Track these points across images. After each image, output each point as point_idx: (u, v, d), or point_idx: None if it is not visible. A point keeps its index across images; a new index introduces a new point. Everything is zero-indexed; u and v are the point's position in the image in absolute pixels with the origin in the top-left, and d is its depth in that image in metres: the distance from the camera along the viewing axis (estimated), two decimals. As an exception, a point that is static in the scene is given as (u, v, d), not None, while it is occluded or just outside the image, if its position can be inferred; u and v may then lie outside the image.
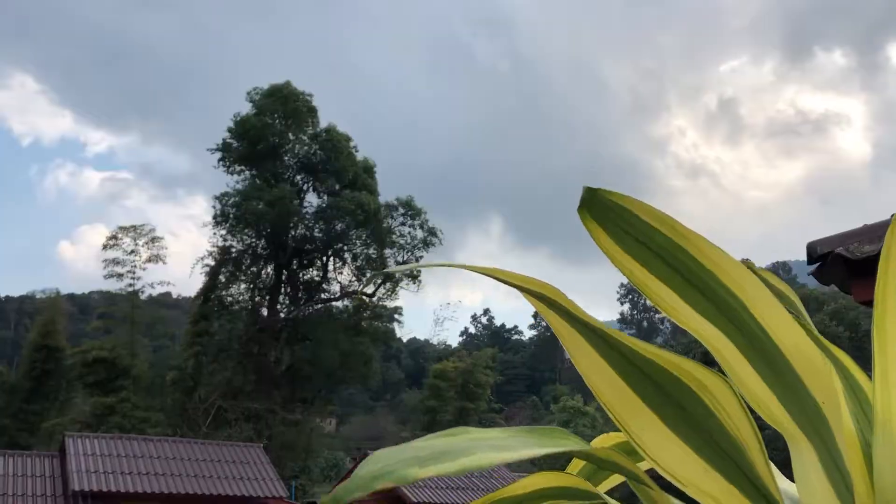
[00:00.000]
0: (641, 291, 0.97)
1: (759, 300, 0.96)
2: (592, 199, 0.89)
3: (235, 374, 41.55)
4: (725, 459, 0.87)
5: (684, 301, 0.97)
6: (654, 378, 0.90)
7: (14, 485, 24.68)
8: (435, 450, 0.75)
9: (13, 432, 47.29)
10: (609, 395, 0.91)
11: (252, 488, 26.96)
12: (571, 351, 0.93)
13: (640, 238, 0.92)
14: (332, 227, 44.84)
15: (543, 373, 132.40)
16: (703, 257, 0.93)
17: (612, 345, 0.90)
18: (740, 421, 0.87)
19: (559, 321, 0.92)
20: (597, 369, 0.92)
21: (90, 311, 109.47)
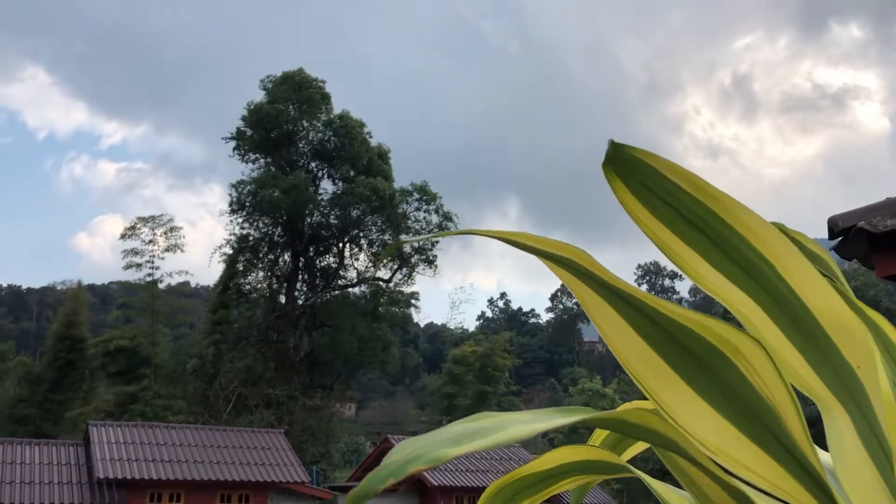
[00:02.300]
0: (666, 255, 0.93)
1: (791, 263, 0.92)
2: (618, 155, 0.85)
3: (255, 361, 41.82)
4: (759, 427, 0.84)
5: (710, 265, 0.93)
6: (685, 343, 0.86)
7: (40, 473, 25.03)
8: (466, 431, 0.73)
9: (38, 422, 47.93)
10: (636, 363, 0.88)
11: (273, 474, 27.18)
12: (596, 319, 0.89)
13: (666, 198, 0.88)
14: (348, 214, 44.89)
15: (561, 355, 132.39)
16: (732, 219, 0.89)
17: (641, 310, 0.86)
18: (775, 386, 0.83)
19: (583, 288, 0.88)
20: (623, 337, 0.88)
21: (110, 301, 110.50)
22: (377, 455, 33.60)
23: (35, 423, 47.69)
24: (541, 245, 0.87)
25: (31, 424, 47.09)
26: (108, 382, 47.74)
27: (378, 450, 33.76)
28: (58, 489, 24.67)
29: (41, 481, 24.69)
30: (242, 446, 28.20)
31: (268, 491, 27.09)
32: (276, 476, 27.13)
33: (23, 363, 53.46)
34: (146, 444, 26.80)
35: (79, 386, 51.11)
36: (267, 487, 27.05)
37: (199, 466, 26.38)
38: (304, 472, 28.14)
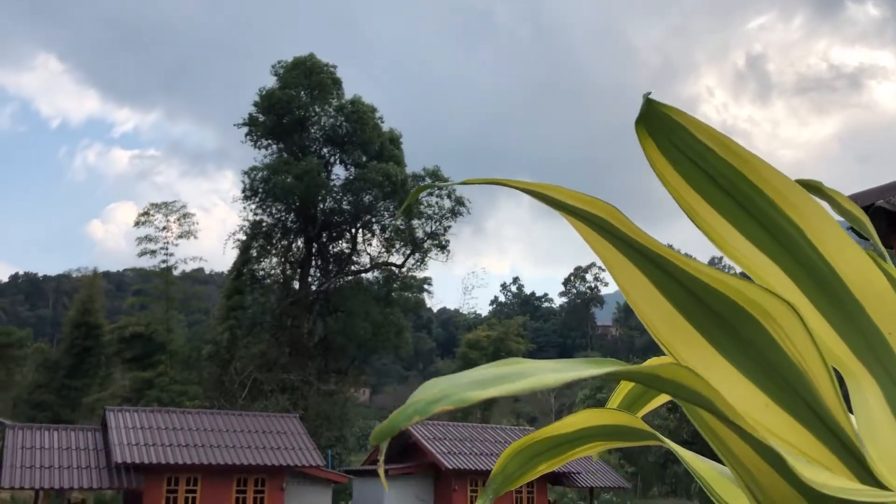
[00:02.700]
0: (690, 218, 0.91)
1: (821, 228, 0.89)
2: (651, 112, 0.82)
3: (270, 346, 42.03)
4: (789, 393, 0.82)
5: (736, 228, 0.90)
6: (713, 306, 0.83)
7: (59, 457, 25.31)
8: (493, 374, 0.71)
9: (56, 407, 48.44)
10: (662, 327, 0.86)
11: (289, 458, 27.36)
12: (620, 280, 0.87)
13: (695, 158, 0.86)
14: (360, 199, 44.89)
15: (575, 340, 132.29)
16: (760, 181, 0.87)
17: (669, 271, 0.83)
18: (808, 352, 0.80)
19: (609, 248, 0.85)
20: (649, 300, 0.86)
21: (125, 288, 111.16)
22: (391, 438, 33.72)
23: (53, 408, 48.21)
24: (569, 199, 0.83)
25: (49, 410, 47.61)
26: (124, 368, 48.19)
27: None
28: (76, 473, 24.94)
29: (60, 466, 24.96)
30: (258, 431, 28.38)
31: (284, 475, 27.28)
32: (292, 460, 27.30)
33: (40, 350, 54.02)
34: (163, 428, 27.02)
35: (95, 372, 51.60)
36: (283, 471, 27.24)
37: (216, 451, 26.59)
38: (319, 457, 28.30)
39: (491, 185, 0.84)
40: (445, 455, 30.47)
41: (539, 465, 0.99)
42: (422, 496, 30.99)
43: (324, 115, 45.32)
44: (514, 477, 0.98)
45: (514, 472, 0.98)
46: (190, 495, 25.90)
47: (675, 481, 52.37)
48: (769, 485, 0.76)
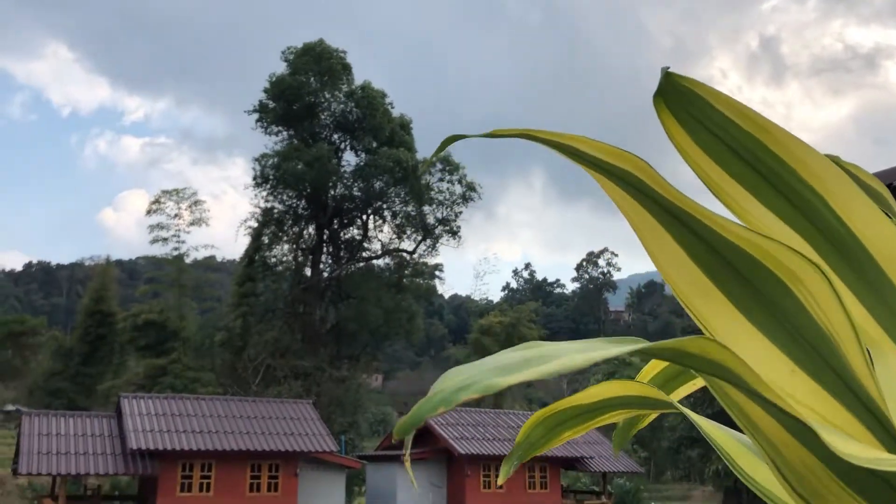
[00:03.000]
0: (711, 191, 0.89)
1: (846, 198, 0.87)
2: (669, 85, 0.80)
3: (282, 333, 42.21)
4: (816, 359, 0.80)
5: (758, 200, 0.89)
6: (741, 269, 0.82)
7: (75, 444, 25.54)
8: (517, 359, 0.70)
9: (71, 394, 48.89)
10: (688, 290, 0.84)
11: (303, 444, 27.51)
12: (646, 241, 0.85)
13: (714, 130, 0.84)
14: (371, 186, 44.87)
15: (587, 325, 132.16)
16: (782, 151, 0.85)
17: (698, 232, 0.81)
18: (836, 317, 0.78)
19: (636, 207, 0.83)
20: (675, 262, 0.84)
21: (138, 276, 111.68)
22: (404, 424, 33.86)
23: (68, 395, 48.65)
24: (596, 151, 0.81)
25: (64, 397, 48.06)
26: (137, 356, 48.51)
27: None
28: (92, 459, 25.17)
29: (76, 452, 25.19)
30: (271, 417, 28.54)
31: (297, 460, 27.44)
32: (306, 446, 27.46)
33: (55, 338, 54.43)
34: (177, 415, 27.20)
35: (110, 359, 52.02)
36: (296, 457, 27.40)
37: (230, 437, 26.76)
38: (332, 442, 28.45)
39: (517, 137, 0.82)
40: (458, 440, 30.58)
41: (563, 433, 0.99)
42: (435, 481, 31.13)
43: (334, 101, 45.26)
44: (539, 444, 0.98)
45: (538, 440, 0.98)
46: (204, 481, 26.11)
47: (689, 466, 52.37)
48: (795, 459, 0.75)
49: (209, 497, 25.97)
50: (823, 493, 0.76)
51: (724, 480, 38.51)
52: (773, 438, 0.74)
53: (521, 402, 67.72)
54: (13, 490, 36.92)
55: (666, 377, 1.13)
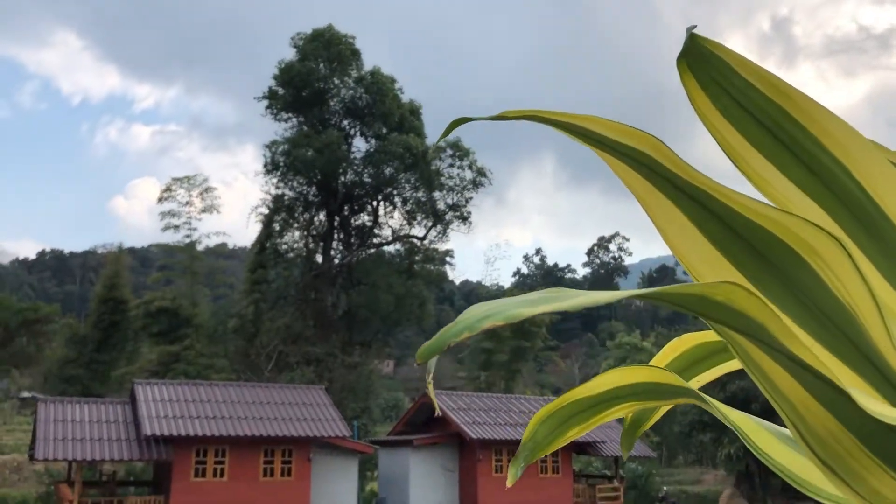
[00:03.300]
0: (731, 160, 0.86)
1: (869, 167, 0.84)
2: (693, 47, 0.78)
3: (294, 319, 42.37)
4: (834, 332, 0.78)
5: (779, 169, 0.86)
6: (756, 245, 0.79)
7: (90, 430, 25.77)
8: (541, 295, 0.70)
9: (86, 381, 49.29)
10: (702, 268, 0.82)
11: (316, 429, 27.66)
12: (658, 221, 0.83)
13: (736, 95, 0.81)
14: (381, 172, 44.83)
15: (598, 310, 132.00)
16: (805, 119, 0.82)
17: (709, 207, 0.79)
18: (856, 289, 0.76)
19: (645, 186, 0.81)
20: (688, 240, 0.82)
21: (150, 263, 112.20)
22: (416, 409, 34.02)
23: (83, 382, 49.05)
24: (607, 130, 0.79)
25: (79, 384, 48.46)
26: (151, 343, 48.83)
27: (417, 404, 34.15)
28: (107, 445, 25.40)
29: (91, 438, 25.42)
30: (284, 402, 28.70)
31: (310, 445, 27.61)
32: (319, 431, 27.61)
33: (69, 325, 54.81)
34: (191, 401, 27.39)
35: (123, 346, 52.37)
36: (309, 442, 27.57)
37: (243, 422, 26.94)
38: (345, 427, 28.60)
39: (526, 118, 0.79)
40: (470, 425, 30.68)
41: (569, 430, 0.95)
42: (447, 466, 31.27)
43: (343, 87, 45.17)
44: (545, 444, 0.95)
45: (543, 438, 0.95)
46: (218, 466, 26.31)
47: (701, 450, 52.35)
48: (817, 422, 0.75)
49: (223, 482, 26.19)
50: (845, 458, 0.74)
51: (737, 464, 38.51)
52: (796, 402, 0.73)
53: (533, 387, 67.82)
54: (30, 475, 37.33)
55: (686, 362, 1.08)
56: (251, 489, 26.41)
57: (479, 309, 0.68)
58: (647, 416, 1.12)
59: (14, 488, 35.07)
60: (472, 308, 0.69)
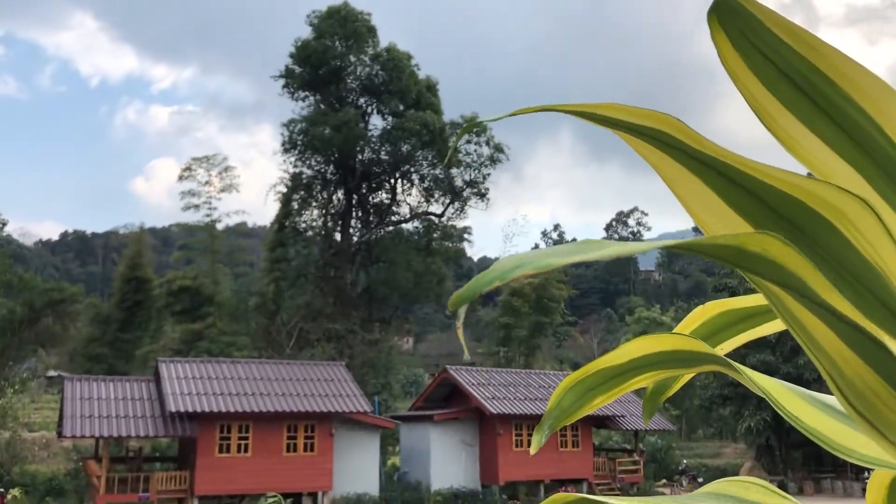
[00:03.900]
0: (760, 119, 0.86)
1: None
2: (724, 1, 0.77)
3: (314, 297, 42.64)
4: (864, 295, 0.78)
5: (810, 130, 0.84)
6: (781, 211, 0.79)
7: (116, 407, 26.18)
8: (569, 247, 0.69)
9: (110, 360, 49.95)
10: None
11: (337, 404, 27.93)
12: (682, 195, 0.82)
13: (767, 52, 0.80)
14: (398, 149, 44.76)
15: (617, 285, 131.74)
16: (839, 76, 0.81)
17: (733, 178, 0.79)
18: (885, 250, 0.76)
19: (668, 162, 0.80)
20: (714, 212, 0.81)
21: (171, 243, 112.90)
22: (436, 385, 34.23)
23: (108, 360, 49.71)
24: (626, 115, 0.79)
25: (104, 362, 49.12)
26: (173, 321, 49.37)
27: (437, 380, 34.36)
28: (133, 422, 25.79)
29: (117, 415, 25.83)
30: (306, 379, 28.97)
31: (332, 421, 27.89)
32: (340, 406, 27.87)
33: (93, 305, 55.49)
34: (214, 378, 27.72)
35: (146, 325, 52.97)
36: (331, 417, 27.85)
37: (266, 399, 27.24)
38: (366, 403, 28.85)
39: (541, 112, 0.80)
40: (489, 400, 30.84)
41: (594, 399, 0.95)
42: (467, 440, 31.49)
43: (359, 64, 45.02)
44: (570, 411, 0.95)
45: (569, 406, 0.95)
46: (242, 442, 26.66)
47: (721, 424, 52.32)
48: (853, 373, 0.74)
49: (247, 457, 26.55)
50: (881, 409, 0.75)
51: (757, 438, 38.48)
52: (833, 353, 0.74)
53: (552, 362, 67.94)
54: (59, 452, 38.03)
55: (712, 329, 1.07)
56: (275, 464, 26.76)
57: (511, 259, 0.67)
58: (670, 384, 1.11)
59: (43, 465, 35.75)
60: (503, 259, 0.68)
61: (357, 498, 27.83)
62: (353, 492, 27.99)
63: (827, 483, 37.20)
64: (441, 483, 30.02)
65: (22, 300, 42.06)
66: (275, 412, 26.75)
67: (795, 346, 35.55)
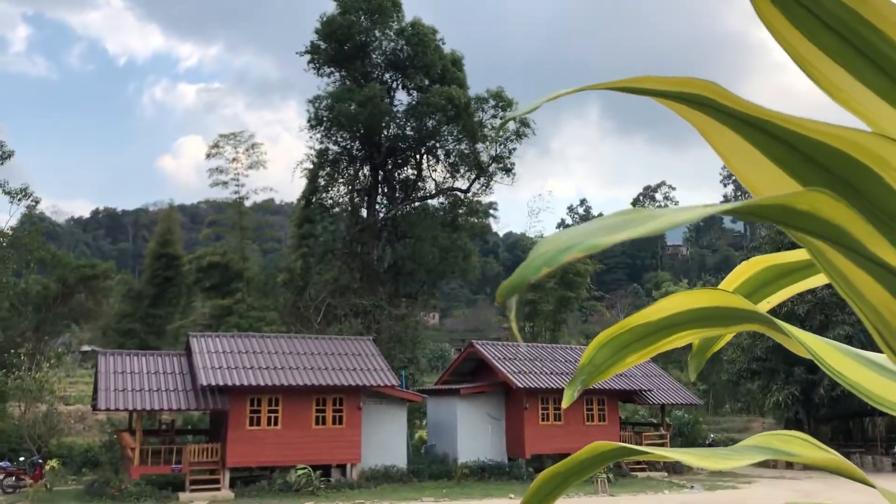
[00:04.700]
0: (802, 69, 0.88)
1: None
2: None
3: (341, 272, 42.91)
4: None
5: (851, 75, 0.84)
6: (823, 163, 0.79)
7: (148, 381, 26.65)
8: (618, 221, 0.67)
9: (142, 335, 50.81)
10: (769, 193, 0.84)
11: (365, 378, 28.20)
12: (724, 153, 0.84)
13: (807, 4, 0.83)
14: (424, 125, 44.64)
15: (644, 260, 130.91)
16: (881, 21, 0.80)
17: (773, 133, 0.80)
18: None
19: (709, 123, 0.82)
20: (756, 167, 0.82)
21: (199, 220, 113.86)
22: (463, 359, 34.42)
23: (140, 335, 50.56)
24: (664, 85, 0.79)
25: (136, 337, 49.97)
26: (203, 297, 50.06)
27: (464, 354, 34.54)
28: (165, 396, 26.26)
29: (150, 389, 26.30)
30: (334, 353, 29.27)
31: (360, 394, 28.19)
32: (368, 380, 28.14)
33: (125, 281, 56.37)
34: (244, 352, 28.09)
35: (177, 301, 53.78)
36: (359, 391, 28.14)
37: (295, 372, 27.57)
38: (393, 377, 29.09)
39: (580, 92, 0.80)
40: (516, 374, 30.96)
41: (628, 357, 0.94)
42: (493, 414, 31.70)
43: (384, 39, 44.84)
44: (603, 368, 0.94)
45: (602, 363, 0.94)
46: (272, 414, 27.05)
47: (749, 398, 52.08)
48: None
49: (277, 430, 26.96)
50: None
51: (785, 412, 38.30)
52: (879, 305, 0.75)
53: (578, 337, 67.93)
54: (94, 425, 38.89)
55: (754, 285, 1.06)
56: (304, 436, 27.15)
57: (556, 241, 0.64)
58: (714, 342, 1.10)
59: (79, 437, 36.59)
60: (546, 240, 0.65)
61: (385, 470, 28.18)
62: (382, 464, 28.34)
63: (856, 458, 37.02)
64: (468, 456, 30.29)
65: (55, 277, 42.85)
66: (304, 386, 27.08)
67: (824, 320, 35.17)
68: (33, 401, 35.66)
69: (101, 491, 24.40)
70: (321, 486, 25.99)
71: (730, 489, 28.56)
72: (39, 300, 41.41)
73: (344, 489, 26.45)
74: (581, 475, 0.92)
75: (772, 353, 39.61)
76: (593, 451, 0.90)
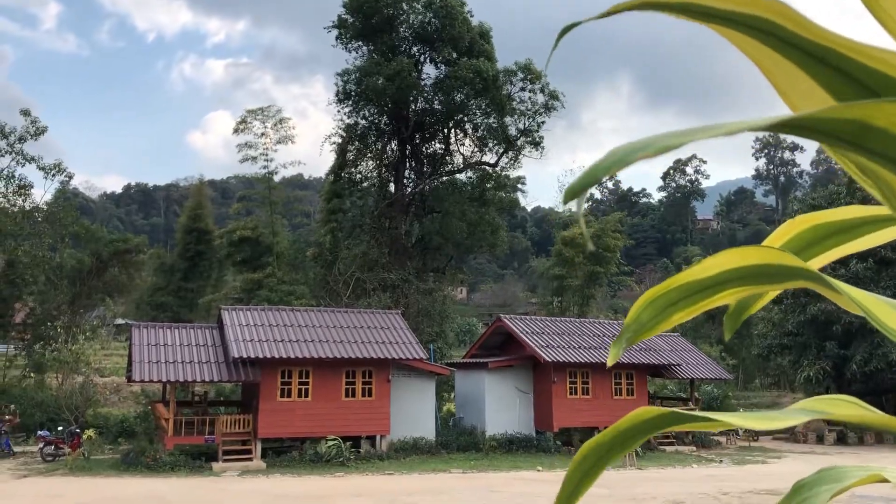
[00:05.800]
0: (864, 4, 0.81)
1: None
2: None
3: (370, 247, 43.13)
4: None
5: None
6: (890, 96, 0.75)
7: (181, 353, 27.12)
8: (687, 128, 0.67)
9: (175, 308, 51.66)
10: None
11: (394, 351, 28.46)
12: (781, 86, 0.80)
13: None
14: (451, 98, 44.44)
15: (674, 234, 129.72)
16: None
17: (843, 69, 0.75)
18: None
19: (767, 52, 0.77)
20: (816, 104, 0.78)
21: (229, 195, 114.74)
22: (490, 333, 34.55)
23: (172, 308, 51.41)
24: (729, 4, 0.75)
25: (168, 311, 50.83)
26: (234, 271, 50.69)
27: (491, 328, 34.67)
28: (198, 368, 26.71)
29: (183, 361, 26.77)
30: (363, 326, 29.54)
31: (389, 367, 28.47)
32: (397, 353, 28.40)
33: (157, 255, 57.23)
34: (275, 325, 28.45)
35: (209, 274, 54.53)
36: (388, 364, 28.41)
37: (325, 345, 27.90)
38: (422, 350, 29.31)
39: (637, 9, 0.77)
40: (544, 348, 31.03)
41: (674, 315, 0.92)
42: (521, 387, 31.85)
43: (412, 12, 44.56)
44: (648, 326, 0.93)
45: (648, 321, 0.92)
46: (303, 387, 27.44)
47: (779, 373, 51.70)
48: None
49: (308, 402, 27.35)
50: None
51: (816, 387, 38.00)
52: None
53: (607, 312, 67.75)
54: (128, 396, 39.73)
55: (801, 243, 1.02)
56: (334, 408, 27.52)
57: (627, 145, 0.66)
58: (752, 302, 1.06)
59: (115, 408, 37.42)
60: (619, 146, 0.66)
61: (414, 442, 28.51)
62: (410, 436, 28.67)
63: (889, 434, 36.68)
64: (495, 429, 30.52)
65: (89, 251, 43.58)
66: (334, 358, 27.40)
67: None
68: (70, 372, 36.52)
69: (136, 460, 24.98)
70: (351, 458, 26.37)
71: (759, 464, 28.51)
72: (74, 274, 42.19)
73: (373, 460, 26.82)
74: (626, 446, 0.89)
75: (803, 327, 39.19)
76: (638, 417, 0.88)
